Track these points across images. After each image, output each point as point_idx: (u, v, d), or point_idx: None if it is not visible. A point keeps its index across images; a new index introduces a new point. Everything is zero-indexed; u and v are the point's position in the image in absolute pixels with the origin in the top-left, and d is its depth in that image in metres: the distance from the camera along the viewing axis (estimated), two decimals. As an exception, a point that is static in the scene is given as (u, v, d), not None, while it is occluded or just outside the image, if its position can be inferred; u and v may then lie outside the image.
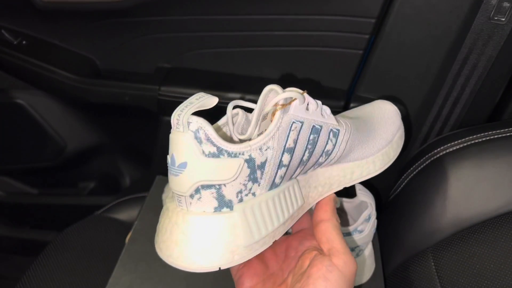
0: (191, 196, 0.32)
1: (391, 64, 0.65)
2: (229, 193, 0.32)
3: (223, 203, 0.32)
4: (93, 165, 0.98)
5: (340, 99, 0.70)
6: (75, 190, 1.00)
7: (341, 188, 0.43)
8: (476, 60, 0.61)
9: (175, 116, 0.31)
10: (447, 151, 0.60)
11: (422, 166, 0.62)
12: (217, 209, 0.32)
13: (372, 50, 0.66)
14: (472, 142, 0.59)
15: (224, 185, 0.32)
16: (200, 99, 0.32)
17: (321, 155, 0.38)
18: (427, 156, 0.62)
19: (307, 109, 0.36)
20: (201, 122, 0.30)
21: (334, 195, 0.41)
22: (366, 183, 0.53)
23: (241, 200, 0.33)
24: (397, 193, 0.66)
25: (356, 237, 0.52)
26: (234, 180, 0.32)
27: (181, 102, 0.33)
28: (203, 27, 0.69)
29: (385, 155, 0.44)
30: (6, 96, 0.84)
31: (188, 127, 0.30)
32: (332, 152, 0.39)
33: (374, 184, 0.77)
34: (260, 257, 0.41)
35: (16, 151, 0.93)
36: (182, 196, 0.32)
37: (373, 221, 0.52)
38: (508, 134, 0.57)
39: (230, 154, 0.31)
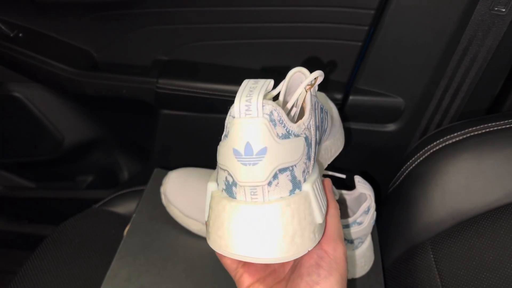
0: (269, 183, 0.31)
1: (390, 56, 0.65)
2: (299, 173, 0.32)
3: (295, 185, 0.32)
4: (91, 158, 0.97)
5: (339, 91, 0.69)
6: (73, 184, 1.00)
7: (326, 165, 0.45)
8: (476, 51, 0.61)
9: (243, 102, 0.30)
10: (447, 143, 0.60)
11: (421, 158, 0.62)
12: (292, 191, 0.32)
13: (371, 42, 0.65)
14: (472, 134, 0.59)
15: (295, 165, 0.32)
16: (259, 83, 0.32)
17: (324, 133, 0.39)
18: (426, 148, 0.62)
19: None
20: (275, 104, 0.30)
21: (329, 180, 0.41)
22: (366, 175, 0.53)
23: (305, 180, 0.33)
24: (396, 185, 0.66)
25: (355, 229, 0.51)
26: (300, 159, 0.32)
27: (179, 94, 0.32)
28: (201, 19, 0.69)
29: (342, 133, 0.48)
30: (3, 89, 0.83)
31: (263, 110, 0.30)
32: (326, 129, 0.40)
33: (374, 176, 0.77)
34: None
35: (13, 145, 0.92)
36: (258, 186, 0.31)
37: (372, 213, 0.52)
38: (508, 126, 0.57)
39: (295, 135, 0.31)
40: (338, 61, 0.69)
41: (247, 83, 0.32)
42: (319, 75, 0.35)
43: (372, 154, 0.75)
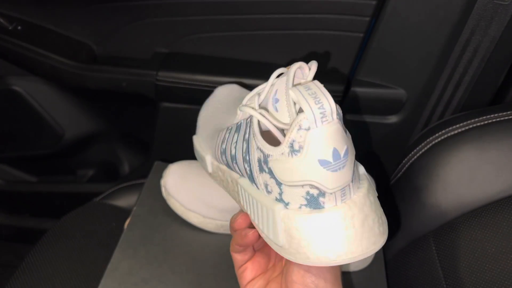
0: (353, 180, 0.31)
1: (392, 47, 0.64)
2: (358, 165, 0.34)
3: (358, 171, 0.33)
4: (92, 152, 0.97)
5: (341, 83, 0.69)
6: (74, 178, 1.00)
7: None
8: (479, 42, 0.60)
9: (316, 111, 0.29)
10: (449, 134, 0.60)
11: (423, 150, 0.62)
12: (359, 178, 0.33)
13: (373, 33, 0.65)
14: (474, 125, 0.59)
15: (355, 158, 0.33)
16: (311, 87, 0.31)
17: None
18: (428, 140, 0.62)
19: None
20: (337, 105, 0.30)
21: None
22: (367, 167, 0.52)
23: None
24: (398, 177, 0.65)
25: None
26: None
27: (179, 87, 0.32)
28: (201, 11, 0.68)
29: None
30: (2, 83, 0.83)
31: (337, 114, 0.30)
32: None
33: (375, 168, 0.77)
34: (264, 249, 0.42)
35: (14, 139, 0.92)
36: (346, 186, 0.31)
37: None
38: (510, 117, 0.57)
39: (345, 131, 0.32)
40: (339, 53, 0.68)
41: (298, 90, 0.30)
42: (298, 67, 0.34)
43: (374, 146, 0.74)
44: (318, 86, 0.31)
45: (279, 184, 0.31)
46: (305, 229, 0.31)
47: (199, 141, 0.48)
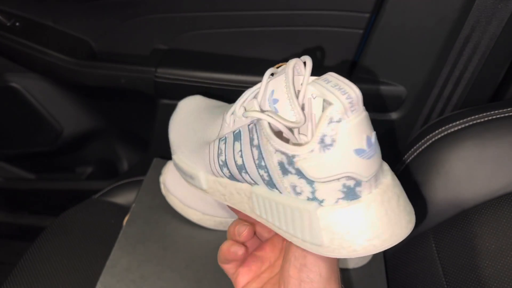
0: (381, 163, 0.31)
1: (392, 43, 0.64)
2: None
3: None
4: (90, 149, 0.97)
5: (340, 80, 0.69)
6: (73, 175, 0.99)
7: None
8: (479, 38, 0.60)
9: (345, 102, 0.28)
10: (449, 131, 0.60)
11: (423, 147, 0.62)
12: (384, 164, 0.33)
13: (372, 30, 0.64)
14: (474, 122, 0.59)
15: None
16: (331, 78, 0.31)
17: None
18: (428, 137, 0.61)
19: None
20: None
21: None
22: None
23: None
24: (397, 174, 0.65)
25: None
26: None
27: (178, 84, 0.32)
28: (200, 7, 0.68)
29: None
30: (0, 80, 0.83)
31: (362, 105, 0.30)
32: None
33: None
34: (257, 253, 0.42)
35: (12, 136, 0.92)
36: (377, 171, 0.30)
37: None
38: (510, 114, 0.57)
39: None
40: (339, 49, 0.68)
41: (319, 84, 0.30)
42: (294, 63, 0.33)
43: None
44: (337, 77, 0.30)
45: (310, 182, 0.31)
46: (347, 222, 0.30)
47: (183, 160, 0.45)
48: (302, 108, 0.32)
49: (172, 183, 0.58)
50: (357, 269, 0.56)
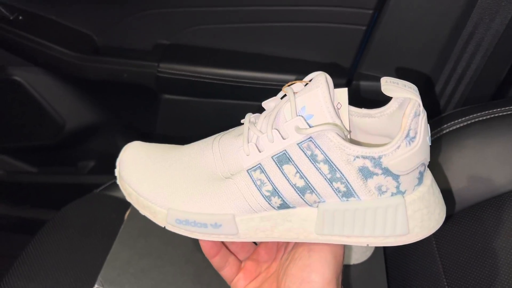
0: None
1: (394, 40, 0.64)
2: None
3: None
4: (92, 143, 0.97)
5: (342, 76, 0.69)
6: (75, 169, 1.00)
7: None
8: (482, 35, 0.60)
9: (418, 97, 0.32)
10: (451, 129, 0.59)
11: (424, 144, 0.62)
12: None
13: (375, 26, 0.64)
14: (476, 120, 0.58)
15: None
16: (387, 80, 0.34)
17: None
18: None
19: None
20: None
21: None
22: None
23: None
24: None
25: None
26: None
27: (181, 79, 0.32)
28: (203, 2, 0.68)
29: None
30: (3, 73, 0.83)
31: None
32: None
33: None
34: (254, 257, 0.42)
35: (14, 130, 0.92)
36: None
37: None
38: (513, 112, 0.57)
39: None
40: (341, 46, 0.68)
41: (392, 86, 0.33)
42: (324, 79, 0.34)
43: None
44: (397, 80, 0.34)
45: (396, 177, 0.32)
46: (425, 204, 0.34)
47: (195, 212, 0.36)
48: None
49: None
50: (357, 266, 0.56)
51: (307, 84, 0.34)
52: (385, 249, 0.61)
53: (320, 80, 0.32)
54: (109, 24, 0.74)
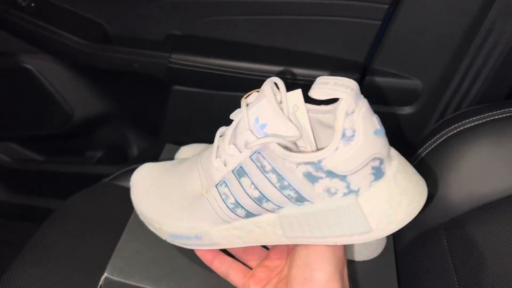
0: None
1: (410, 36, 0.63)
2: None
3: None
4: (101, 133, 0.97)
5: (355, 71, 0.68)
6: (82, 159, 1.00)
7: None
8: (500, 33, 0.59)
9: (351, 91, 0.31)
10: (465, 127, 0.59)
11: (438, 142, 0.61)
12: None
13: (390, 21, 0.63)
14: (491, 118, 0.58)
15: None
16: (322, 78, 0.33)
17: None
18: (443, 132, 0.61)
19: None
20: None
21: None
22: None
23: None
24: (410, 169, 0.65)
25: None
26: None
27: (192, 70, 0.32)
28: (217, -7, 0.67)
29: None
30: (14, 61, 0.83)
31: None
32: None
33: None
34: (265, 262, 0.42)
35: (23, 117, 0.92)
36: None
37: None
38: (528, 111, 0.56)
39: None
40: (355, 40, 0.67)
41: (318, 87, 0.32)
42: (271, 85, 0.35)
43: (387, 137, 0.73)
44: (330, 78, 0.32)
45: (343, 178, 0.32)
46: (385, 198, 0.33)
47: (180, 226, 0.42)
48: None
49: (184, 168, 0.57)
50: (367, 262, 0.55)
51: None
52: (396, 246, 0.60)
53: (265, 89, 0.34)
54: (121, 13, 0.74)
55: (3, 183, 1.02)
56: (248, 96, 0.37)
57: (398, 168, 0.33)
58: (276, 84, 0.35)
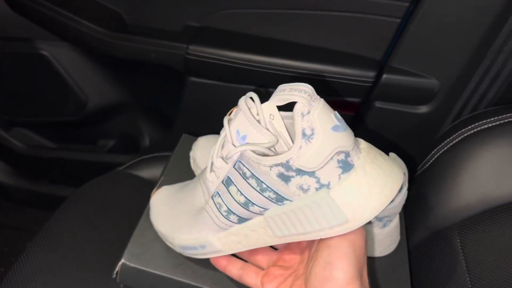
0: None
1: (429, 34, 0.63)
2: None
3: None
4: (114, 122, 0.97)
5: (372, 69, 0.68)
6: (94, 147, 1.00)
7: None
8: (522, 34, 0.59)
9: (304, 93, 0.34)
10: (482, 127, 0.59)
11: (454, 142, 0.61)
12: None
13: (410, 19, 0.63)
14: (509, 120, 0.58)
15: None
16: (280, 88, 0.37)
17: None
18: (460, 132, 0.61)
19: None
20: None
21: None
22: (400, 153, 0.52)
23: None
24: (425, 168, 0.65)
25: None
26: None
27: (209, 62, 0.35)
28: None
29: None
30: (31, 47, 0.83)
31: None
32: None
33: (403, 157, 0.76)
34: (279, 263, 0.43)
35: (38, 104, 0.92)
36: (355, 141, 0.37)
37: (404, 192, 0.51)
38: (546, 114, 0.56)
39: None
40: (374, 37, 0.67)
41: (276, 96, 0.37)
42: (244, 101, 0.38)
43: (402, 136, 0.73)
44: (287, 85, 0.36)
45: (312, 174, 0.35)
46: (356, 189, 0.35)
47: (187, 238, 0.45)
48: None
49: (202, 158, 0.58)
50: (381, 259, 0.55)
51: None
52: (408, 244, 0.60)
53: (241, 104, 0.37)
54: (140, 3, 0.73)
55: (14, 168, 1.03)
56: (231, 113, 0.40)
57: (366, 159, 0.35)
58: (252, 98, 0.38)
